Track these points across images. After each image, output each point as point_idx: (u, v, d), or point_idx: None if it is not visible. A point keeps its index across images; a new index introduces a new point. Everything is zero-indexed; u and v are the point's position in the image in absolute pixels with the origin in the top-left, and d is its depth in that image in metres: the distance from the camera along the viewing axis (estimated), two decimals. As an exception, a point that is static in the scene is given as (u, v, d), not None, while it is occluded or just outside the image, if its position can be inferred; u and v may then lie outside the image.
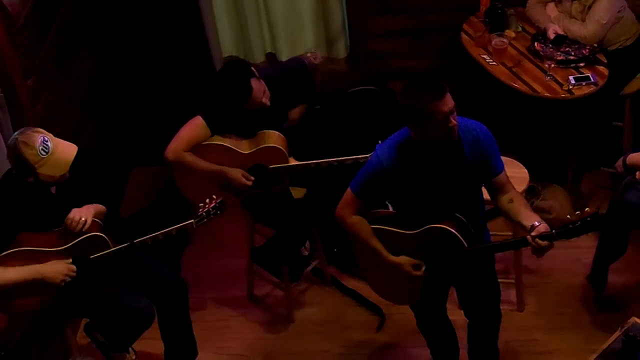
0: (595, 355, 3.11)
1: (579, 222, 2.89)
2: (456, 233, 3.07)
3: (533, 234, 2.95)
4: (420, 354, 3.94)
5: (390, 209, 3.42)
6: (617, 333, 3.13)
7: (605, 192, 4.43)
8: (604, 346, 3.12)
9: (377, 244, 3.21)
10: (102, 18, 4.77)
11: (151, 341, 3.82)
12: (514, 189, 3.15)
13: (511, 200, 3.10)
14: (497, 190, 3.13)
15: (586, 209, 2.91)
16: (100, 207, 3.50)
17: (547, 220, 3.29)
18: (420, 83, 2.98)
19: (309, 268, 4.38)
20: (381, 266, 3.25)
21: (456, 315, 3.65)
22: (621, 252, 3.91)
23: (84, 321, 3.97)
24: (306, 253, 4.44)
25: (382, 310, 4.23)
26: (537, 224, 2.97)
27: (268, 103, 3.76)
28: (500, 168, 3.11)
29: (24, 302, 3.39)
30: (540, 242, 2.93)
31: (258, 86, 3.70)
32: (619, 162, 3.68)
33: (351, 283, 4.42)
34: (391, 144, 3.10)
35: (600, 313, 4.06)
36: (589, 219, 2.88)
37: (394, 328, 4.16)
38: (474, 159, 3.04)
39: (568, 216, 2.95)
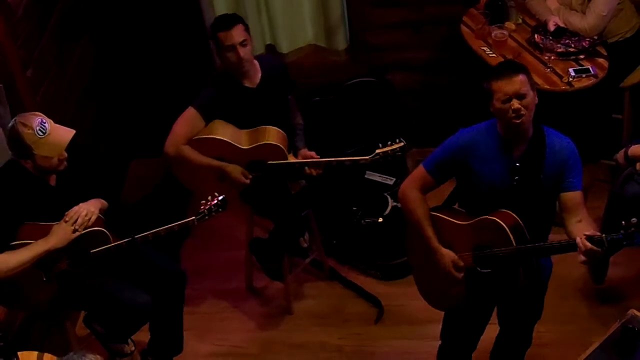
0: (593, 347, 3.12)
1: (633, 229, 2.74)
2: (506, 228, 2.98)
3: (587, 233, 2.83)
4: (418, 346, 3.95)
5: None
6: (616, 325, 3.13)
7: (604, 185, 4.44)
8: (603, 338, 3.12)
9: (429, 230, 3.16)
10: (102, 10, 4.76)
11: (149, 332, 3.82)
12: (587, 214, 3.02)
13: (580, 221, 2.99)
14: (569, 209, 3.01)
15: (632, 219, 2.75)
16: (103, 203, 3.50)
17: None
18: (500, 63, 2.96)
19: (308, 260, 4.38)
20: (427, 255, 3.19)
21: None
22: (620, 245, 3.91)
23: (84, 312, 3.97)
24: (305, 245, 4.44)
25: (380, 303, 4.24)
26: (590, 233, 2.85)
27: (243, 57, 3.72)
28: (577, 187, 3.01)
29: (29, 295, 3.41)
30: (587, 242, 2.80)
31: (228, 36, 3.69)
32: (620, 154, 3.67)
33: (350, 275, 4.42)
34: (477, 126, 3.10)
35: (599, 305, 4.06)
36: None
37: (392, 320, 4.17)
38: (551, 167, 3.00)
39: (623, 222, 2.77)
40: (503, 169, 3.04)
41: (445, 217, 3.20)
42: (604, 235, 2.81)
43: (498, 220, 3.01)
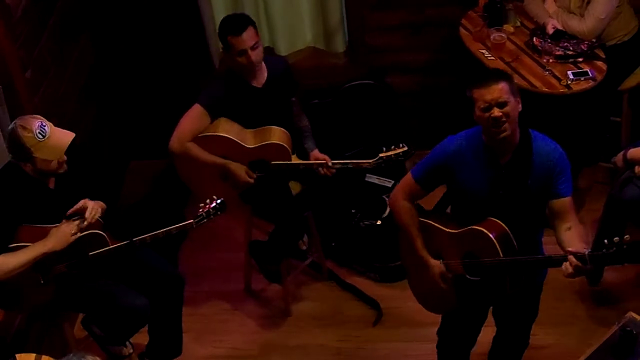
0: (592, 350, 3.11)
1: (614, 248, 2.71)
2: (493, 239, 2.96)
3: (570, 249, 2.83)
4: (417, 349, 3.95)
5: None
6: (614, 328, 3.13)
7: (603, 187, 4.44)
8: (601, 341, 3.12)
9: (418, 239, 3.17)
10: (101, 10, 4.76)
11: (147, 334, 3.82)
12: (577, 220, 3.00)
13: (569, 229, 2.96)
14: (558, 215, 2.99)
15: (625, 236, 2.70)
16: (103, 205, 3.51)
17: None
18: (483, 71, 2.95)
19: (307, 262, 4.38)
20: (418, 263, 3.20)
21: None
22: (618, 247, 3.91)
23: (82, 314, 3.97)
24: (304, 247, 4.44)
25: (379, 305, 4.24)
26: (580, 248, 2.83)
27: (254, 61, 3.72)
28: (566, 193, 2.98)
29: (27, 297, 3.41)
30: (572, 259, 2.79)
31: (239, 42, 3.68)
32: (619, 157, 3.68)
33: (348, 277, 4.42)
34: (463, 134, 3.08)
35: (597, 308, 4.07)
36: (625, 246, 2.70)
37: (391, 322, 4.17)
38: (539, 174, 2.97)
39: (605, 241, 2.75)
40: (489, 177, 3.02)
41: (435, 224, 3.19)
42: (586, 253, 2.79)
43: (485, 231, 3.00)
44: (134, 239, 3.42)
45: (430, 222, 3.20)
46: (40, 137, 3.23)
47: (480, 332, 3.47)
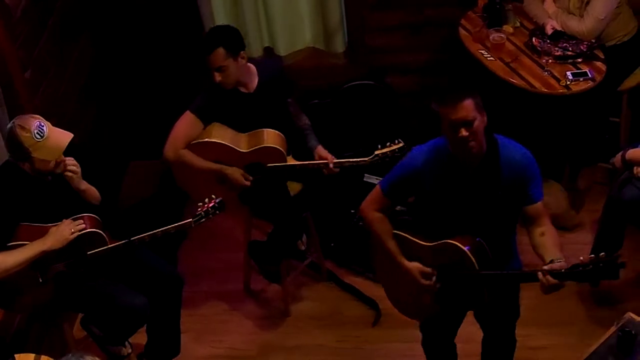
0: (590, 350, 3.12)
1: (591, 266, 2.73)
2: (468, 252, 2.97)
3: (546, 268, 2.82)
4: (415, 349, 3.93)
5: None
6: (613, 328, 3.13)
7: (603, 188, 4.44)
8: (600, 341, 3.12)
9: (393, 246, 3.16)
10: (101, 10, 4.76)
11: (146, 334, 3.82)
12: (550, 223, 3.01)
13: (543, 234, 2.97)
14: (531, 220, 3.00)
15: (601, 253, 2.74)
16: (95, 191, 3.51)
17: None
18: (448, 85, 2.94)
19: (306, 263, 4.39)
20: (395, 271, 3.20)
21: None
22: (617, 248, 3.92)
23: (81, 314, 3.97)
24: (303, 248, 4.45)
25: (378, 305, 4.24)
26: (555, 260, 2.83)
27: (219, 82, 3.72)
28: (537, 198, 2.98)
29: (26, 297, 3.42)
30: (550, 278, 2.80)
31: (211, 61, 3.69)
32: (617, 158, 3.68)
33: (347, 278, 4.43)
34: (429, 145, 3.05)
35: (596, 308, 4.07)
36: (601, 264, 2.73)
37: (390, 323, 4.17)
38: (509, 181, 2.95)
39: (581, 258, 2.77)
40: (458, 188, 3.00)
41: (409, 237, 3.18)
42: (563, 270, 2.79)
43: (459, 244, 3.00)
44: (132, 238, 3.43)
45: (404, 234, 3.19)
46: (39, 137, 3.23)
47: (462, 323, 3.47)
